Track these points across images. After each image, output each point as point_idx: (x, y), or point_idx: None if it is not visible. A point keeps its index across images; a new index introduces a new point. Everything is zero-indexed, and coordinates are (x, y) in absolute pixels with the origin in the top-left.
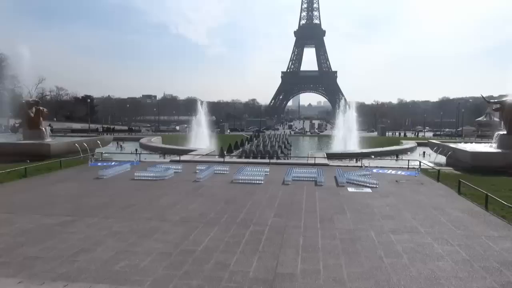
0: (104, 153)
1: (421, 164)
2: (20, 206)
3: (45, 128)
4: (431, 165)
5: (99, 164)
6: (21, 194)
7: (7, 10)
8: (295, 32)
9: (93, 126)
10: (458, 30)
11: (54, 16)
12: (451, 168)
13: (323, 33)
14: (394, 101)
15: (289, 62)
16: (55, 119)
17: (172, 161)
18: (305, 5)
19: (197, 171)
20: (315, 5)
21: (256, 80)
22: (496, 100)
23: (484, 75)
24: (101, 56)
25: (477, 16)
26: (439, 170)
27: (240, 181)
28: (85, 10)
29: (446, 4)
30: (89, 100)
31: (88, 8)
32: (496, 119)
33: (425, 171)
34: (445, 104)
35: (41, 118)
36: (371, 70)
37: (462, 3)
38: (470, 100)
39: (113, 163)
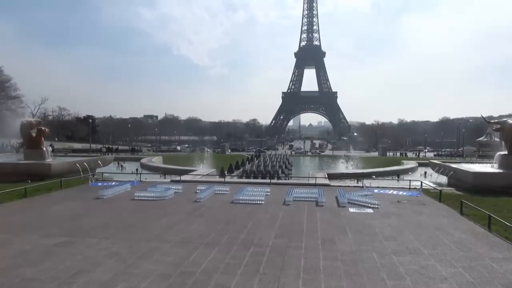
0: (105, 173)
1: (423, 184)
2: (19, 226)
3: (46, 148)
4: (433, 185)
5: (99, 184)
6: (20, 214)
7: (12, 32)
8: (295, 53)
9: (94, 146)
10: (456, 51)
11: (58, 38)
12: (452, 189)
13: (323, 54)
14: (395, 121)
15: (290, 82)
16: (56, 139)
17: (172, 181)
18: (305, 27)
19: (197, 191)
20: (315, 27)
21: (257, 100)
22: (496, 121)
23: (483, 95)
24: (103, 76)
25: (475, 36)
26: (440, 191)
27: (240, 201)
28: (89, 32)
29: (444, 25)
30: (90, 120)
31: (92, 30)
32: (497, 139)
33: (426, 192)
34: (445, 124)
35: (43, 138)
36: (371, 90)
37: (460, 24)
38: (470, 120)
39: (113, 183)
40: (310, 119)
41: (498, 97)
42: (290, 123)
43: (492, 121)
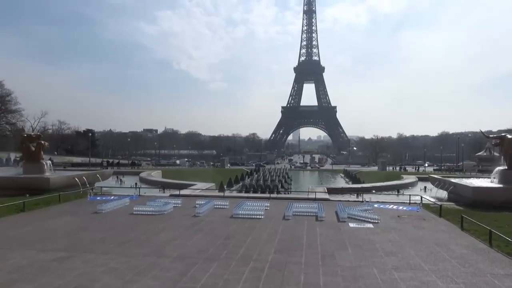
0: (104, 187)
1: (423, 199)
2: (16, 241)
3: (45, 162)
4: (433, 200)
5: (98, 198)
6: (18, 228)
7: (14, 46)
8: (294, 68)
9: (93, 160)
10: (454, 66)
11: (59, 52)
12: (453, 203)
13: (322, 69)
14: (394, 135)
15: (289, 97)
16: (55, 152)
17: (171, 196)
18: (304, 43)
19: (196, 205)
20: (314, 43)
21: (256, 115)
22: (495, 135)
23: (482, 110)
24: (104, 90)
25: (472, 51)
26: (441, 206)
27: (240, 216)
28: (90, 47)
29: (441, 40)
30: (90, 134)
31: (93, 44)
32: (497, 154)
33: (427, 206)
34: (444, 138)
35: (42, 152)
36: (370, 105)
37: (457, 39)
38: (469, 135)
39: (112, 197)
40: (310, 133)
41: (497, 111)
42: (290, 137)
43: (491, 136)
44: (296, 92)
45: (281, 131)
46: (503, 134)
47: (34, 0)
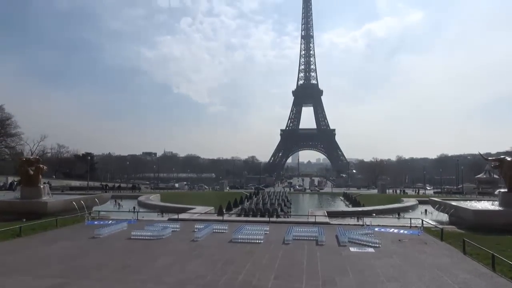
0: (102, 211)
1: (424, 222)
2: (11, 267)
3: (43, 186)
4: (434, 223)
5: (95, 222)
6: (13, 254)
7: (14, 71)
8: (293, 92)
9: (92, 183)
10: (451, 89)
11: (59, 76)
12: (454, 227)
13: (320, 92)
14: (393, 158)
15: (288, 120)
16: (54, 176)
17: (170, 220)
18: (302, 67)
19: (195, 230)
20: (312, 66)
21: (255, 138)
22: (494, 158)
23: (480, 133)
24: (103, 114)
25: (469, 74)
26: (442, 229)
27: (239, 240)
28: (89, 70)
29: (438, 64)
30: (89, 158)
31: (92, 68)
32: (496, 176)
33: (428, 230)
34: (443, 161)
35: (40, 176)
36: (369, 127)
37: (453, 63)
38: (469, 157)
39: (110, 222)
40: (309, 156)
41: (495, 134)
42: (289, 160)
43: (490, 158)
44: (295, 115)
45: (280, 154)
46: (502, 156)
47: (34, 25)
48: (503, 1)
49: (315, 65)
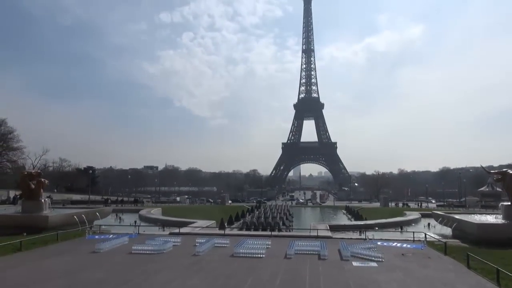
0: (103, 225)
1: (427, 236)
2: (10, 283)
3: (44, 200)
4: (437, 237)
5: (96, 237)
6: (13, 269)
7: (18, 85)
8: (294, 105)
9: (93, 197)
10: (452, 102)
11: (62, 90)
12: (458, 241)
13: (321, 106)
14: (395, 171)
15: (290, 133)
16: (55, 190)
17: (171, 234)
18: (303, 80)
19: (196, 244)
20: (313, 80)
21: (257, 151)
22: (496, 171)
23: (482, 145)
24: (105, 128)
25: (470, 87)
26: (445, 243)
27: (241, 254)
28: (92, 85)
29: (438, 77)
30: (90, 171)
31: (95, 83)
32: (499, 189)
33: (431, 244)
34: (445, 174)
35: (42, 190)
36: (370, 140)
37: (454, 76)
38: (471, 170)
39: (110, 236)
40: (311, 169)
41: (497, 146)
42: (290, 173)
43: (492, 171)
44: (296, 129)
45: (281, 167)
46: (504, 169)
47: (38, 39)
48: (502, 15)
49: (316, 78)
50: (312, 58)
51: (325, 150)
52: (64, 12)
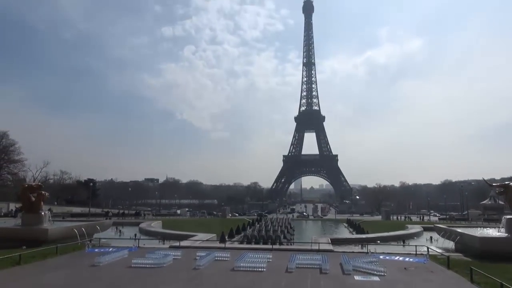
0: (103, 238)
1: (429, 250)
2: None
3: (44, 213)
4: (440, 251)
5: (96, 250)
6: (11, 283)
7: (19, 98)
8: (295, 118)
9: (93, 210)
10: (453, 115)
11: (64, 103)
12: (460, 254)
13: (322, 118)
14: (396, 184)
15: (291, 146)
16: (55, 202)
17: (171, 247)
18: (304, 93)
19: (197, 257)
20: (314, 93)
21: (258, 164)
22: (498, 184)
23: (484, 158)
24: (106, 140)
25: (471, 101)
26: (448, 257)
27: (241, 268)
28: (94, 97)
29: (439, 90)
30: (91, 184)
31: (97, 95)
32: (501, 202)
33: (434, 258)
34: (447, 187)
35: (42, 202)
36: (371, 153)
37: (455, 89)
38: (473, 183)
39: (110, 249)
40: (312, 182)
41: (499, 160)
42: (292, 186)
43: (494, 184)
44: (297, 141)
45: (282, 180)
46: (506, 182)
47: (40, 53)
48: (502, 28)
49: (317, 91)
50: (313, 71)
51: (326, 162)
52: (67, 26)
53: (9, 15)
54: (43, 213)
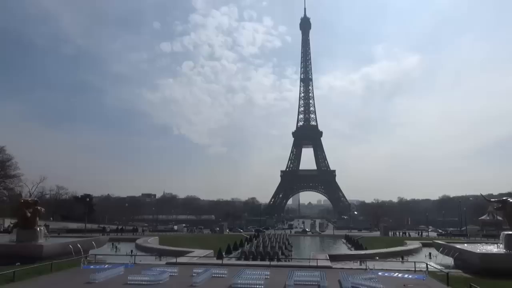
0: (98, 254)
1: (428, 266)
2: None
3: (40, 229)
4: (439, 267)
5: (92, 267)
6: None
7: (17, 112)
8: (293, 133)
9: (89, 225)
10: (450, 131)
11: (61, 117)
12: (460, 271)
13: (320, 134)
14: (394, 199)
15: (288, 161)
16: (51, 218)
17: (168, 264)
18: (302, 108)
19: (194, 274)
20: (311, 108)
21: (255, 179)
22: (496, 200)
23: (481, 174)
24: (104, 155)
25: (467, 117)
26: (447, 273)
27: (239, 285)
28: (91, 113)
29: (436, 106)
30: (88, 199)
31: (94, 110)
32: (500, 218)
33: (433, 274)
34: (445, 202)
35: (37, 218)
36: (369, 168)
37: (451, 105)
38: (471, 199)
39: (106, 266)
40: (310, 197)
41: (497, 175)
42: (289, 201)
43: (492, 200)
44: (295, 156)
45: (280, 195)
46: (504, 198)
47: (40, 68)
48: (497, 45)
49: (314, 107)
50: (310, 87)
51: (324, 178)
52: (66, 42)
53: (9, 30)
54: (38, 229)
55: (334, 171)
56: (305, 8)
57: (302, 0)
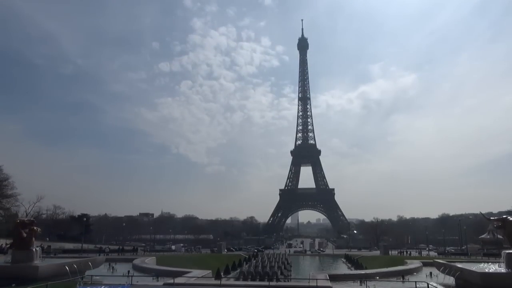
0: (95, 275)
1: (429, 286)
2: None
3: (35, 249)
4: (440, 287)
5: None
6: None
7: (16, 132)
8: (291, 152)
9: (86, 246)
10: (448, 149)
11: (59, 136)
12: None
13: (318, 152)
14: (394, 218)
15: (287, 179)
16: (47, 238)
17: (165, 285)
18: (300, 127)
19: None
20: (309, 127)
21: (254, 198)
22: (496, 218)
23: (480, 192)
24: (101, 174)
25: (464, 135)
26: None
27: None
28: (90, 132)
29: (432, 124)
30: (84, 219)
31: (92, 129)
32: (500, 236)
33: None
34: (445, 221)
35: (33, 238)
36: (368, 187)
37: (447, 123)
38: (470, 217)
39: (102, 287)
40: (309, 216)
41: (496, 193)
42: (288, 220)
43: (492, 218)
44: (294, 175)
45: (279, 214)
46: (504, 216)
47: (38, 87)
48: (493, 63)
49: (312, 125)
50: (308, 106)
51: (323, 196)
52: (65, 61)
53: (8, 50)
54: (34, 250)
55: (333, 189)
56: (302, 29)
57: (299, 20)
